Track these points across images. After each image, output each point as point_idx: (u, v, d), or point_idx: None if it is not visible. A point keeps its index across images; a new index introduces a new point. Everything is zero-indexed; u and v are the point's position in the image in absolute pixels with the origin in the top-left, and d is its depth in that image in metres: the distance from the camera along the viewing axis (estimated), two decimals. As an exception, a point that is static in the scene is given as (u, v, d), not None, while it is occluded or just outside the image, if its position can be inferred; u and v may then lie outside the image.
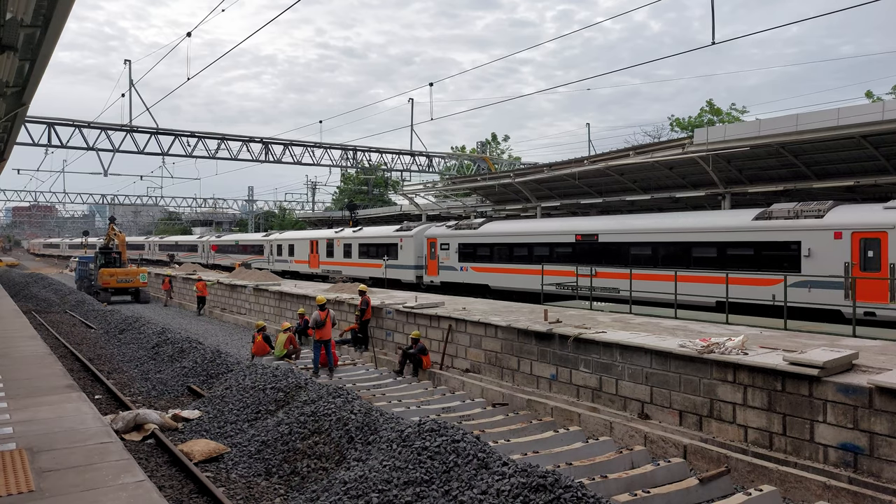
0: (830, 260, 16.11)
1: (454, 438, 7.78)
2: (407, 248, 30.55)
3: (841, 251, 16.02)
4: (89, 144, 32.82)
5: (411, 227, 31.28)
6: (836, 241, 16.13)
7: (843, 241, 16.01)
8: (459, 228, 28.13)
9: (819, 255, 16.32)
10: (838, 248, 16.05)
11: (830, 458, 8.75)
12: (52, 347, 16.29)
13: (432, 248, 29.16)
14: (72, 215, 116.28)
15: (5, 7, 7.85)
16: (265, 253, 45.43)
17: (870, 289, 15.22)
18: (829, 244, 16.22)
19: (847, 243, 15.95)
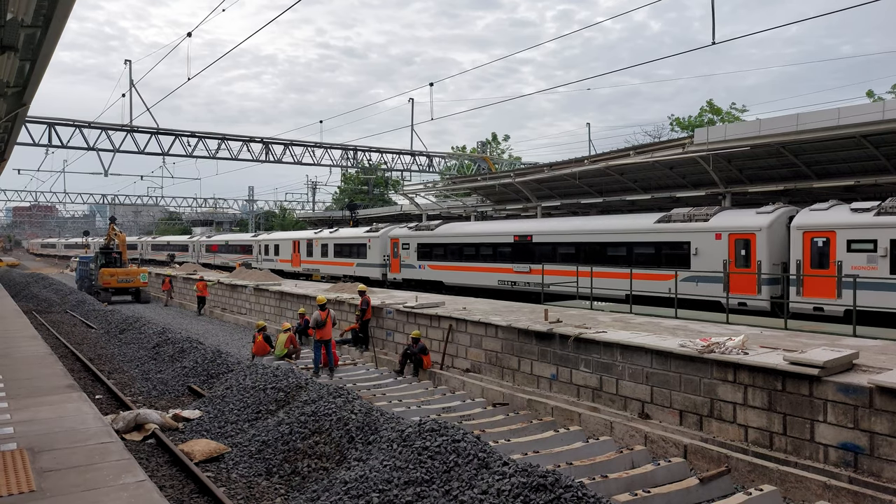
0: (713, 258, 18.61)
1: (455, 438, 7.79)
2: (374, 247, 32.80)
3: (721, 250, 18.55)
4: (90, 144, 32.84)
5: (379, 229, 33.31)
6: (717, 241, 18.70)
7: (723, 242, 18.55)
8: (419, 229, 30.37)
9: (705, 253, 18.97)
10: (719, 247, 18.65)
11: (831, 457, 8.75)
12: (52, 347, 16.29)
13: (395, 247, 31.38)
14: (72, 215, 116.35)
15: (6, 7, 7.86)
16: (253, 252, 47.29)
17: (742, 282, 17.71)
18: (712, 244, 18.83)
19: (725, 244, 18.50)
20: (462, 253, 27.63)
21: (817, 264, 16.63)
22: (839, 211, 16.86)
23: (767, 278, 17.34)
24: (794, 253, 17.05)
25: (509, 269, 24.54)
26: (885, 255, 15.46)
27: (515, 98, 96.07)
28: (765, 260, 17.57)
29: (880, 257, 15.51)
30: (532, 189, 30.90)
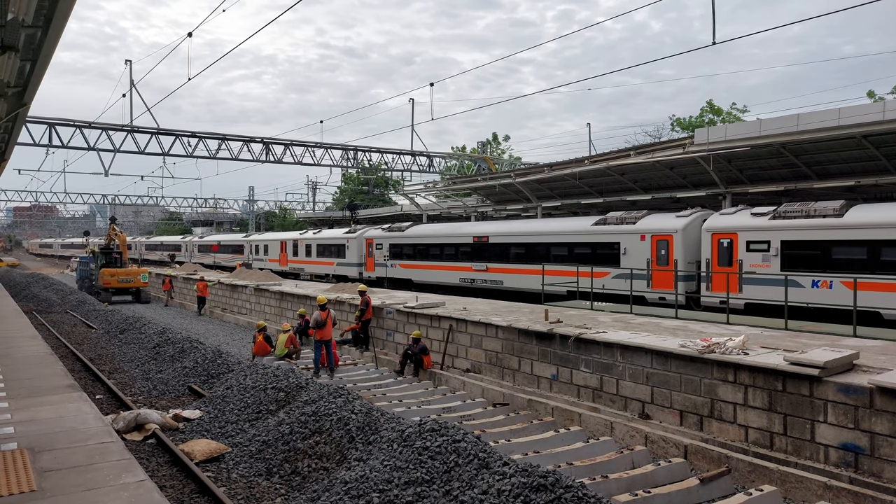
0: (640, 257, 20.71)
1: (455, 438, 7.79)
2: (352, 248, 34.85)
3: (645, 250, 20.66)
4: (90, 145, 32.84)
5: (356, 230, 35.39)
6: (642, 242, 20.80)
7: (646, 243, 20.63)
8: (391, 231, 32.34)
9: (632, 253, 21.03)
10: (644, 247, 20.74)
11: (831, 458, 8.75)
12: (53, 347, 16.30)
13: (370, 247, 33.45)
14: (73, 215, 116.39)
15: (6, 7, 7.87)
16: (245, 252, 49.10)
17: (662, 279, 19.88)
18: (638, 245, 20.91)
19: (648, 244, 20.57)
20: (428, 252, 29.60)
21: (725, 262, 18.43)
22: (741, 215, 18.70)
23: (683, 275, 19.31)
24: (705, 252, 18.91)
25: (468, 268, 27.12)
26: (777, 255, 17.30)
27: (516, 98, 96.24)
28: (681, 259, 19.66)
29: (773, 256, 17.42)
30: (532, 189, 30.90)
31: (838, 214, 16.41)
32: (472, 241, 27.28)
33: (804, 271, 16.48)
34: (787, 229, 17.39)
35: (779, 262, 17.20)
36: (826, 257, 16.33)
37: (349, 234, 35.28)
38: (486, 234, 26.76)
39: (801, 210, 17.28)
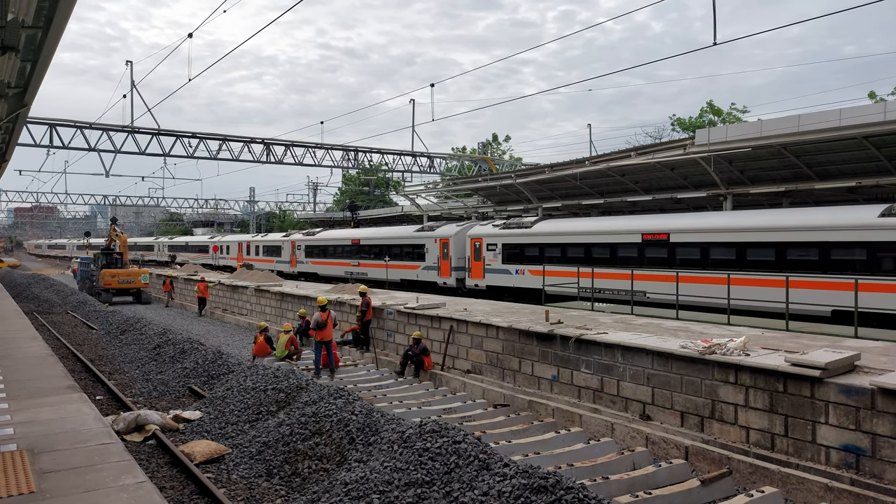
0: (435, 255, 29.96)
1: (455, 439, 7.77)
2: (285, 248, 43.67)
3: (438, 250, 29.79)
4: (91, 145, 32.83)
5: (290, 234, 44.79)
6: (435, 244, 30.00)
7: (438, 245, 29.88)
8: (307, 235, 41.40)
9: (431, 252, 30.17)
10: (438, 248, 29.78)
11: (832, 459, 8.73)
12: (53, 348, 16.29)
13: (294, 248, 42.13)
14: (73, 216, 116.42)
15: (7, 8, 7.86)
16: (209, 252, 58.36)
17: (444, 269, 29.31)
18: (434, 246, 30.12)
19: (439, 246, 29.80)
20: (327, 252, 38.70)
21: (477, 258, 27.54)
22: (486, 227, 28.28)
23: (454, 267, 28.78)
24: (467, 251, 28.21)
25: (349, 263, 36.23)
26: (500, 253, 26.71)
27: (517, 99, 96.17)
28: (454, 256, 28.77)
29: (499, 254, 26.77)
30: (533, 190, 30.89)
31: (528, 226, 26.19)
32: (351, 243, 36.35)
33: (515, 264, 25.95)
34: (507, 236, 26.47)
35: (501, 259, 26.65)
36: (523, 254, 25.73)
37: (283, 237, 44.52)
38: (359, 238, 35.76)
39: (514, 223, 27.03)
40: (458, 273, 28.50)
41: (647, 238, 21.10)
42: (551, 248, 24.48)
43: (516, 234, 26.18)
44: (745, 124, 25.48)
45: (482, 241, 27.42)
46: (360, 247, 35.05)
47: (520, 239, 26.01)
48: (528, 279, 24.74)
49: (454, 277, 28.54)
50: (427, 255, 30.00)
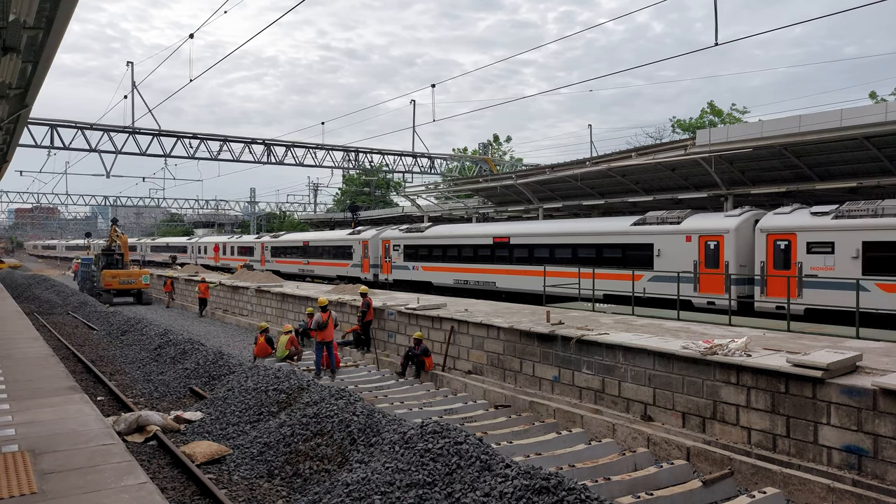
0: (358, 255, 35.13)
1: (457, 440, 7.76)
2: (257, 249, 48.94)
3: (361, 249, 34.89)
4: (92, 146, 32.82)
5: (262, 236, 50.61)
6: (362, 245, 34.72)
7: (378, 244, 33.65)
8: (275, 237, 48.06)
9: (357, 252, 35.08)
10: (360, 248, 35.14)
11: (834, 460, 8.72)
12: (54, 349, 16.29)
13: (263, 249, 48.07)
14: (74, 217, 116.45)
15: (8, 9, 7.86)
16: (188, 252, 63.68)
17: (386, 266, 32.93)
18: (358, 247, 35.05)
19: (360, 247, 34.89)
20: (286, 252, 44.25)
21: (387, 257, 32.38)
22: (394, 231, 32.45)
23: (371, 264, 33.65)
24: (379, 251, 33.30)
25: (301, 262, 41.45)
26: (402, 253, 30.82)
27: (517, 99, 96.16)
28: (371, 255, 33.68)
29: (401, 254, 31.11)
30: (534, 191, 30.89)
31: (422, 231, 30.33)
32: (302, 245, 41.62)
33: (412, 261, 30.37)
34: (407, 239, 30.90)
35: (402, 257, 30.75)
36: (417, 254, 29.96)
37: (255, 240, 50.03)
38: (309, 240, 41.32)
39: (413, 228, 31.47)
40: (375, 269, 33.40)
41: (497, 240, 26.36)
42: (436, 248, 29.52)
43: (413, 237, 31.02)
44: (745, 125, 25.48)
45: (390, 243, 32.42)
46: (309, 248, 40.49)
47: (415, 241, 30.86)
48: (420, 273, 30.19)
49: (371, 273, 33.51)
50: (354, 255, 35.17)
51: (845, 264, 16.06)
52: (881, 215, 16.00)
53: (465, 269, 27.34)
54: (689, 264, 19.24)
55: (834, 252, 16.41)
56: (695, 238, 19.44)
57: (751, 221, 18.74)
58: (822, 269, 16.47)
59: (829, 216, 16.85)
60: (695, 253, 19.34)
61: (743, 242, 18.59)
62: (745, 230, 18.68)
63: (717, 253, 18.82)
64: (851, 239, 16.10)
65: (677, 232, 20.02)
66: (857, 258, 15.96)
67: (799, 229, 17.19)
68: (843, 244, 16.24)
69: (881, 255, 15.57)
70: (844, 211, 16.70)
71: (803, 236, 17.00)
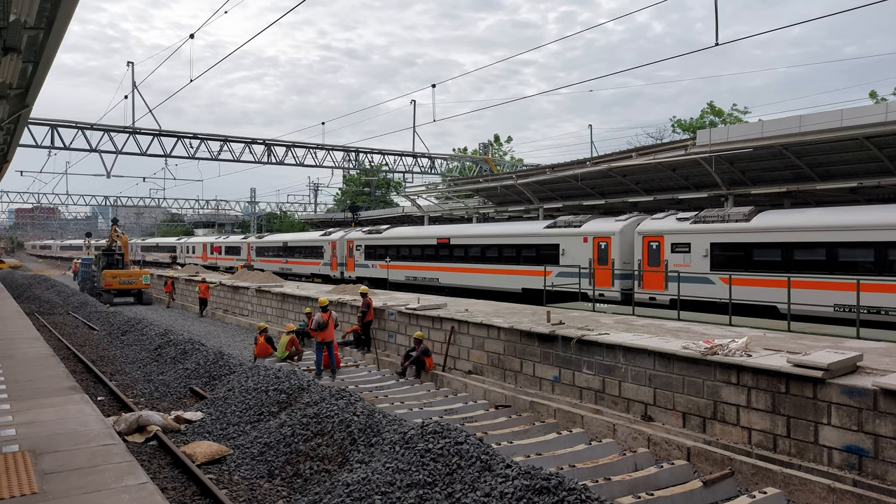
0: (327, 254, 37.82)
1: (457, 440, 7.76)
2: (243, 248, 51.97)
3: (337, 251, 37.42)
4: (92, 146, 32.81)
5: (248, 237, 53.75)
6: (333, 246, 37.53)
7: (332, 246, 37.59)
8: (260, 238, 50.84)
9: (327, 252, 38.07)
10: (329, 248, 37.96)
11: (835, 460, 8.71)
12: (54, 349, 16.29)
13: (249, 248, 50.77)
14: (74, 217, 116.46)
15: (9, 9, 7.86)
16: (177, 251, 66.87)
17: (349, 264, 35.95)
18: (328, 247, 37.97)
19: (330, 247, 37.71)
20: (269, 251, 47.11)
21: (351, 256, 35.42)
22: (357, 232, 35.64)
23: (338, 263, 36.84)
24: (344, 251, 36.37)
25: (281, 261, 44.17)
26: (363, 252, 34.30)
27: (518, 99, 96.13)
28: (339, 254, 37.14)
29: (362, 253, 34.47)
30: (534, 191, 30.88)
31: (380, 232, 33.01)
32: (282, 245, 45.11)
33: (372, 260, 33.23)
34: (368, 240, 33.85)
35: (364, 256, 34.27)
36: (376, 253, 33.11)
37: (242, 240, 53.11)
38: (287, 241, 44.46)
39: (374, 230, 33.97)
40: (342, 267, 36.50)
41: (440, 241, 29.12)
42: (391, 248, 32.51)
43: (372, 238, 33.96)
44: (746, 125, 25.47)
45: (353, 243, 35.34)
46: (288, 248, 43.59)
47: (374, 242, 33.79)
48: (378, 271, 33.07)
49: (339, 271, 36.69)
50: (324, 254, 37.97)
51: (698, 262, 18.88)
52: (726, 220, 18.75)
53: (415, 267, 30.22)
54: (586, 262, 22.15)
55: (690, 251, 19.22)
56: (590, 239, 22.37)
57: (633, 225, 21.42)
58: (682, 265, 19.16)
59: (688, 221, 19.68)
60: (590, 252, 22.29)
61: (626, 243, 21.32)
62: (629, 233, 21.38)
63: (607, 252, 21.76)
64: (702, 241, 18.97)
65: (577, 234, 22.96)
66: (706, 256, 18.79)
67: (666, 232, 20.00)
68: (697, 245, 19.07)
69: (722, 254, 18.50)
70: (701, 217, 19.46)
71: (669, 238, 19.81)
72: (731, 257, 18.19)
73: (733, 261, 18.07)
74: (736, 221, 18.38)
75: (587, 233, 22.60)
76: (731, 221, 18.53)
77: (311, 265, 39.59)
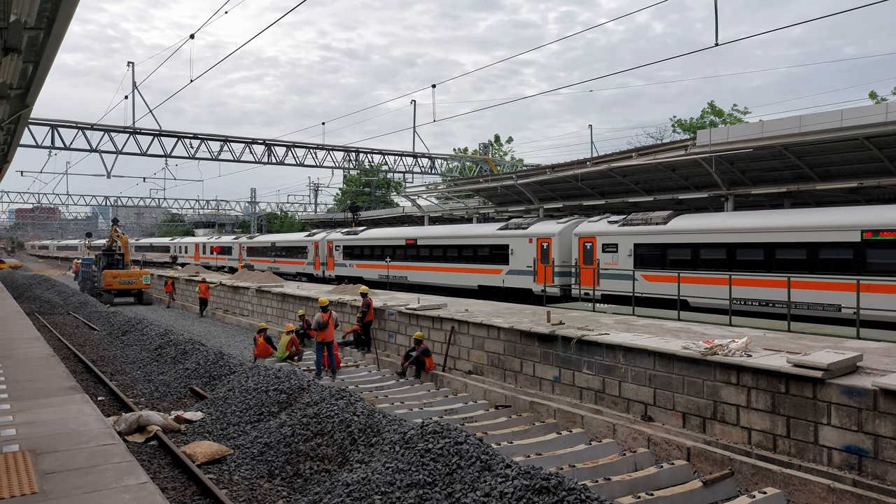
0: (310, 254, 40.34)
1: (457, 440, 7.76)
2: (235, 248, 53.97)
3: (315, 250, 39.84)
4: (92, 146, 32.80)
5: (240, 237, 55.87)
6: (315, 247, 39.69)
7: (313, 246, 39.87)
8: (251, 238, 52.75)
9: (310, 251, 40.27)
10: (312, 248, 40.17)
11: (835, 460, 8.72)
12: (55, 349, 16.30)
13: (240, 248, 52.41)
14: (75, 217, 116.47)
15: (9, 9, 7.86)
16: (171, 251, 68.97)
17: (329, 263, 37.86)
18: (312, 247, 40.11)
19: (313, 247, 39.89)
20: (259, 251, 49.30)
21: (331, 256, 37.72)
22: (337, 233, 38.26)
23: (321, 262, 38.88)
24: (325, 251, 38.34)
25: (270, 260, 46.10)
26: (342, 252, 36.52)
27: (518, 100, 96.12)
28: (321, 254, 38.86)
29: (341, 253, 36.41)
30: (534, 191, 30.88)
31: (356, 233, 35.49)
32: (271, 245, 47.08)
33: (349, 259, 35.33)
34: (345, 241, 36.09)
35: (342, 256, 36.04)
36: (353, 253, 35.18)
37: (233, 240, 55.32)
38: (275, 241, 46.81)
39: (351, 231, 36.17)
40: (323, 266, 38.53)
41: (408, 242, 31.51)
42: (366, 248, 34.90)
43: (350, 239, 36.19)
44: (746, 125, 25.46)
45: (333, 244, 37.40)
46: (276, 248, 45.80)
47: (351, 242, 36.09)
48: (355, 270, 35.33)
49: (321, 269, 38.57)
50: (308, 254, 40.27)
51: (624, 260, 20.77)
52: (648, 223, 20.66)
53: (386, 266, 32.55)
54: (531, 261, 24.12)
55: (618, 251, 21.14)
56: (534, 240, 24.21)
57: (571, 227, 23.40)
58: (611, 264, 21.21)
59: (617, 224, 21.52)
60: (534, 252, 24.15)
61: (565, 244, 23.32)
62: (567, 234, 23.34)
63: (548, 252, 23.59)
64: (628, 241, 20.86)
65: (524, 235, 24.80)
66: (630, 256, 20.66)
67: (598, 234, 21.96)
68: (623, 245, 20.99)
69: (644, 254, 20.34)
70: (627, 220, 21.28)
71: (600, 239, 21.76)
72: (651, 256, 20.12)
73: (652, 260, 20.02)
74: (655, 224, 20.38)
75: (532, 234, 24.48)
76: (652, 224, 20.49)
77: (296, 264, 41.71)
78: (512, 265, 24.91)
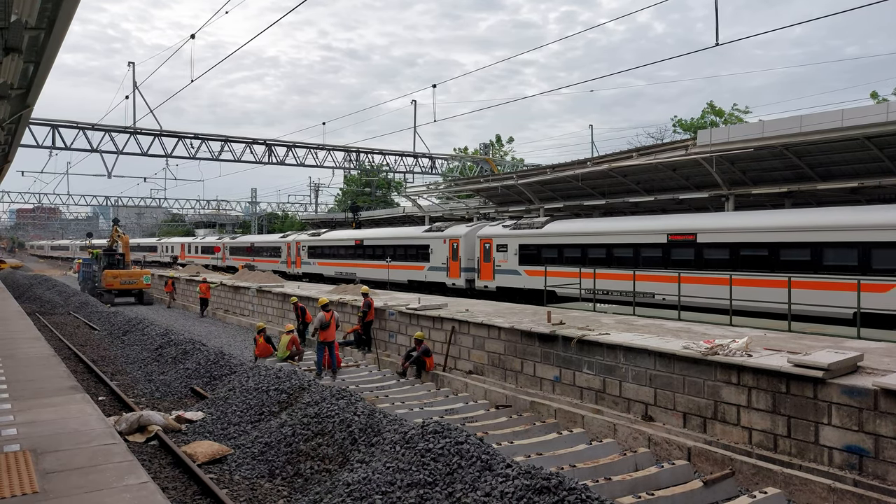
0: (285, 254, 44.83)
1: (458, 440, 7.76)
2: (223, 249, 57.10)
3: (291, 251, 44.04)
4: (93, 146, 32.82)
5: (222, 237, 59.09)
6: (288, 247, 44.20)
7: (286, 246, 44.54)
8: (233, 238, 56.87)
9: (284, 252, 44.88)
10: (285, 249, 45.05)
11: (835, 460, 8.72)
12: (55, 349, 16.31)
13: (224, 248, 56.60)
14: (76, 217, 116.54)
15: (10, 9, 7.87)
16: (158, 251, 74.30)
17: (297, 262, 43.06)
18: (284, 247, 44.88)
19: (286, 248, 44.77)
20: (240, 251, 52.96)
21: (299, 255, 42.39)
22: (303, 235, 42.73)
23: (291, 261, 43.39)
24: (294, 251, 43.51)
25: (250, 259, 49.51)
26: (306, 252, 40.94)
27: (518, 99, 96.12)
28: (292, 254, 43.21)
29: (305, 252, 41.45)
30: (535, 191, 30.88)
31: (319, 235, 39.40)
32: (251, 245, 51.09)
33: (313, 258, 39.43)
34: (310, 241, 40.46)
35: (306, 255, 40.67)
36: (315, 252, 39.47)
37: (217, 240, 58.88)
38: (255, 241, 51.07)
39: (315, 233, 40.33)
40: (293, 265, 42.66)
41: (356, 242, 36.37)
42: (325, 248, 39.38)
43: (313, 240, 41.01)
44: (747, 125, 25.45)
45: (300, 244, 42.15)
46: (255, 248, 50.09)
47: (313, 242, 40.82)
48: (316, 267, 39.93)
49: (292, 268, 42.85)
50: (282, 253, 44.64)
51: (512, 259, 25.21)
52: (530, 228, 25.08)
53: (341, 264, 37.44)
54: (445, 259, 28.65)
55: (507, 251, 25.48)
56: (447, 241, 28.74)
57: (475, 230, 27.78)
58: (503, 262, 25.68)
59: (509, 228, 25.97)
60: (447, 251, 28.66)
61: (470, 245, 27.67)
62: (472, 236, 27.70)
63: (457, 251, 28.07)
64: (514, 243, 25.29)
65: (440, 237, 29.30)
66: (516, 255, 25.10)
67: (493, 236, 26.32)
68: (511, 246, 25.38)
69: (525, 253, 24.79)
70: (517, 224, 26.00)
71: (496, 240, 26.15)
72: (530, 255, 24.53)
73: (531, 258, 24.42)
74: (535, 228, 24.80)
75: (446, 236, 28.86)
76: (532, 228, 24.87)
77: (272, 263, 45.91)
78: (432, 262, 29.50)
